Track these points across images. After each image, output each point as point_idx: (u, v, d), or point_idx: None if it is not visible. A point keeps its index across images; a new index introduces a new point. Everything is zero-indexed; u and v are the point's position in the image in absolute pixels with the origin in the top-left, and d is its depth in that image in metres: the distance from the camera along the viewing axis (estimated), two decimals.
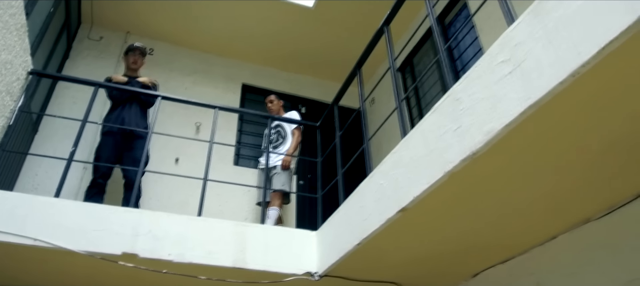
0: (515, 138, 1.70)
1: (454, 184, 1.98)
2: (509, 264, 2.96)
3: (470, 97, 1.87)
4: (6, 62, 2.89)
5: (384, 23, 3.00)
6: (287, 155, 4.16)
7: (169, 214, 3.15)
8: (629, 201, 2.26)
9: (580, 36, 1.40)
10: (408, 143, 2.29)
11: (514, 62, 1.65)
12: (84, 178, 4.01)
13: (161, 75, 4.95)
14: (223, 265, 2.96)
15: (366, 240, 2.57)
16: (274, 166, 4.19)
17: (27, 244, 2.62)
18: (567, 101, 1.52)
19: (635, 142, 1.82)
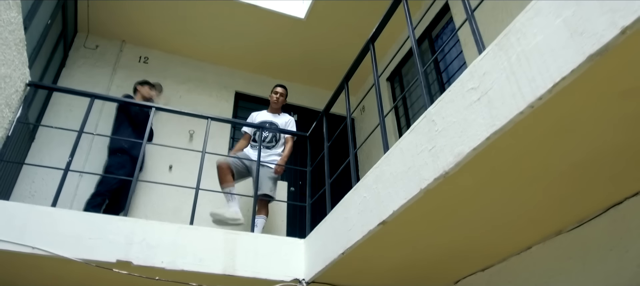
0: (483, 160, 1.82)
1: (430, 200, 2.11)
2: (489, 272, 3.09)
3: (443, 119, 1.99)
4: (5, 76, 2.99)
5: (370, 40, 3.12)
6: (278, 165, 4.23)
7: (161, 223, 3.26)
8: (597, 215, 2.41)
9: (537, 71, 1.53)
10: (389, 159, 2.42)
11: (481, 90, 1.78)
12: (80, 185, 4.11)
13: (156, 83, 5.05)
14: (213, 272, 3.07)
15: (350, 250, 2.69)
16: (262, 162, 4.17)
17: (25, 252, 2.72)
18: (528, 128, 1.65)
19: (598, 162, 1.96)
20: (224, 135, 5.12)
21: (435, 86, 4.41)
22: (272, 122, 4.47)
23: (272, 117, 4.54)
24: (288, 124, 4.52)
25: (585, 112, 1.60)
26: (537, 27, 1.56)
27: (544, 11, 1.54)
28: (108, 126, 4.50)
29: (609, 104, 1.57)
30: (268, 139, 4.34)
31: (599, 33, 1.32)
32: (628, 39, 1.27)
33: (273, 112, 4.59)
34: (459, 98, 1.92)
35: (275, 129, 4.27)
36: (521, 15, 1.65)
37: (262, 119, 4.52)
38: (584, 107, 1.58)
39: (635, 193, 2.23)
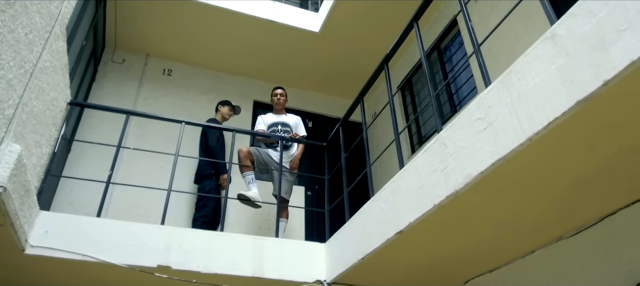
0: (489, 182, 2.10)
1: (442, 213, 2.39)
2: (496, 273, 3.37)
3: (454, 143, 2.26)
4: (53, 99, 3.30)
5: (384, 60, 3.38)
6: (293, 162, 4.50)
7: (195, 230, 3.57)
8: (594, 223, 2.67)
9: (535, 109, 1.80)
10: (404, 175, 2.69)
11: (487, 121, 2.05)
12: (113, 194, 4.42)
13: (179, 94, 5.36)
14: (244, 274, 3.36)
15: (369, 255, 2.98)
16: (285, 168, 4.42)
17: (76, 259, 3.02)
18: (527, 157, 1.92)
19: (592, 181, 2.22)
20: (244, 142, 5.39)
21: (444, 96, 4.67)
22: (284, 123, 4.71)
23: (279, 118, 4.78)
24: (298, 124, 4.78)
25: (577, 143, 1.87)
26: (535, 70, 1.83)
27: (541, 57, 1.81)
28: (137, 138, 4.82)
29: (597, 136, 1.84)
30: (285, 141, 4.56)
31: (586, 83, 1.59)
32: (609, 90, 1.54)
33: (278, 114, 4.82)
34: (468, 126, 2.19)
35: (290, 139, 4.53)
36: (521, 58, 1.92)
37: (272, 121, 4.76)
38: (576, 140, 1.84)
39: (627, 204, 2.49)
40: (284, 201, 4.34)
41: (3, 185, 2.26)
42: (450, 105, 4.46)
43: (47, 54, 2.88)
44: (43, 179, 3.34)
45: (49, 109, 3.24)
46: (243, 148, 4.38)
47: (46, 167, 3.39)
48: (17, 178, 2.43)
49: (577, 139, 1.84)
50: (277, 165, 4.38)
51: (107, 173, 3.61)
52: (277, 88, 4.93)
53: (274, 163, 4.42)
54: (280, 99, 4.83)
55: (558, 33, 1.74)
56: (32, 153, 2.94)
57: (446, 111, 4.52)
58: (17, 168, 2.42)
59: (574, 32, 1.67)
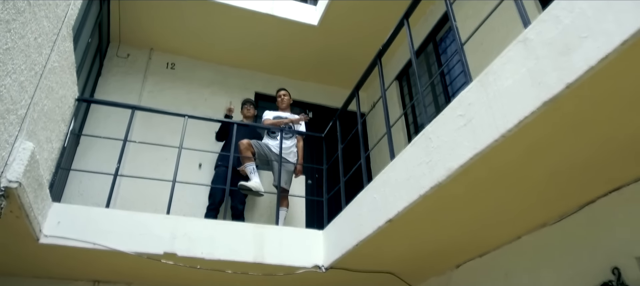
0: (470, 174, 2.24)
1: (428, 203, 2.54)
2: (485, 258, 3.53)
3: (438, 138, 2.41)
4: (62, 96, 3.47)
5: (377, 56, 3.50)
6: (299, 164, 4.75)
7: (199, 219, 3.76)
8: (575, 211, 2.81)
9: (508, 108, 1.93)
10: (394, 166, 2.84)
11: (467, 117, 2.19)
12: (121, 185, 4.62)
13: (183, 87, 5.51)
14: (246, 260, 3.55)
15: (363, 241, 3.15)
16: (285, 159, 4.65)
17: (87, 247, 3.22)
18: (503, 151, 2.06)
19: (570, 172, 2.36)
20: None
21: (439, 87, 4.78)
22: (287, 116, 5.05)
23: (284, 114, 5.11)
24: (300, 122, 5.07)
25: (548, 139, 2.01)
26: (508, 72, 1.96)
27: (514, 60, 1.94)
28: (143, 130, 5.00)
29: (566, 133, 1.98)
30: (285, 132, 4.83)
31: (551, 85, 1.72)
32: (571, 92, 1.67)
33: (283, 112, 5.16)
34: (450, 121, 2.33)
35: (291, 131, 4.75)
36: (498, 59, 2.05)
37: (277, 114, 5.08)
38: (546, 136, 1.98)
39: (605, 193, 2.63)
40: (283, 191, 4.51)
41: (18, 181, 2.43)
42: (445, 96, 4.58)
43: (55, 55, 3.04)
44: (54, 172, 3.52)
45: (58, 107, 3.41)
46: (243, 140, 4.56)
47: (57, 161, 3.57)
48: (30, 173, 2.61)
49: (547, 136, 1.98)
50: (276, 156, 4.54)
51: (114, 164, 3.80)
52: (281, 90, 5.26)
53: (274, 154, 4.59)
54: (284, 98, 5.18)
55: (529, 37, 1.87)
56: (43, 148, 3.12)
57: (441, 102, 4.64)
58: (31, 164, 2.59)
59: (543, 37, 1.80)
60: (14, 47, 2.28)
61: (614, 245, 2.54)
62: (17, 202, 2.51)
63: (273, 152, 4.68)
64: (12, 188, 2.39)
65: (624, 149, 2.18)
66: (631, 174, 2.44)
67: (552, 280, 2.90)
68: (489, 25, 2.98)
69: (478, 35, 3.68)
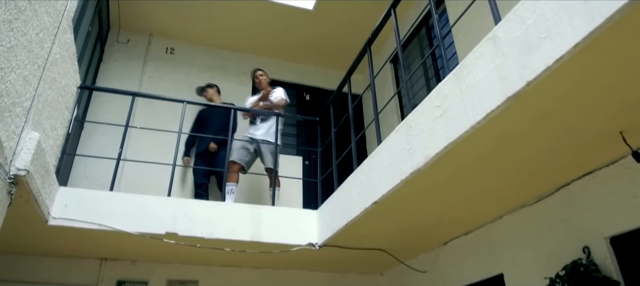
0: (446, 161, 2.39)
1: (410, 187, 2.70)
2: (470, 235, 3.72)
3: (418, 126, 2.55)
4: (65, 85, 3.62)
5: (367, 44, 3.61)
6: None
7: (198, 200, 3.95)
8: (552, 193, 2.98)
9: (477, 101, 2.07)
10: (379, 152, 3.00)
11: (443, 108, 2.32)
12: (124, 168, 4.80)
13: (182, 72, 5.63)
14: (243, 239, 3.75)
15: (352, 221, 3.33)
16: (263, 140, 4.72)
17: (93, 228, 3.42)
18: (475, 140, 2.20)
19: (541, 158, 2.50)
20: None
21: (432, 71, 4.88)
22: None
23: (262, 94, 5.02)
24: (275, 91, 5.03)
25: (516, 130, 2.15)
26: (479, 67, 2.08)
27: (484, 56, 2.06)
28: (144, 114, 5.16)
29: (532, 124, 2.11)
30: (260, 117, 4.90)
31: (514, 82, 1.85)
32: (532, 89, 1.80)
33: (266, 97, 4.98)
34: (428, 111, 2.46)
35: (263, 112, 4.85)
36: (471, 54, 2.17)
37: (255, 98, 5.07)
38: (514, 127, 2.12)
39: (579, 176, 2.78)
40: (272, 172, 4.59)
41: (26, 169, 2.61)
42: (436, 80, 4.68)
43: (57, 48, 3.17)
44: (60, 158, 3.70)
45: (61, 96, 3.56)
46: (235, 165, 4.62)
47: (62, 147, 3.75)
48: (37, 161, 2.79)
49: (514, 127, 2.12)
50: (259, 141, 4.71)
51: (117, 147, 3.97)
52: (257, 70, 5.23)
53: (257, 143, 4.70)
54: (261, 79, 5.14)
55: (498, 35, 1.99)
56: (49, 136, 3.29)
57: (433, 85, 4.74)
58: (37, 153, 2.76)
59: (509, 35, 1.92)
60: (17, 45, 2.42)
61: (586, 225, 2.71)
62: (26, 188, 2.69)
63: (256, 140, 4.74)
64: (21, 176, 2.56)
65: (594, 137, 2.32)
66: (603, 159, 2.59)
67: (530, 256, 3.08)
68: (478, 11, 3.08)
69: (467, 22, 3.80)
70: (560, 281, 2.59)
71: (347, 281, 4.90)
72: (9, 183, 2.48)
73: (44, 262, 4.01)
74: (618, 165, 2.54)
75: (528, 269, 3.06)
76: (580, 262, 2.59)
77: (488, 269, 3.44)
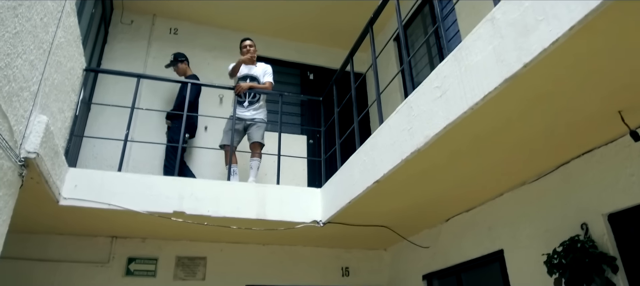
0: (445, 142, 2.43)
1: (410, 167, 2.75)
2: (471, 212, 3.78)
3: (418, 107, 2.58)
4: (71, 68, 3.67)
5: (369, 23, 3.60)
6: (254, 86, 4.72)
7: (205, 180, 4.04)
8: (551, 171, 3.01)
9: (476, 82, 2.09)
10: (381, 132, 3.03)
11: (442, 89, 2.35)
12: (132, 149, 4.89)
13: (186, 52, 5.58)
14: (249, 217, 3.84)
15: (354, 200, 3.39)
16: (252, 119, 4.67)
17: (103, 208, 3.52)
18: (473, 121, 2.23)
19: (540, 138, 2.53)
20: None
21: (435, 50, 4.86)
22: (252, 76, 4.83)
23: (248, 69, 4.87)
24: (265, 73, 4.88)
25: (514, 110, 2.18)
26: (478, 48, 2.10)
27: (483, 37, 2.07)
28: (149, 94, 5.22)
29: (530, 105, 2.13)
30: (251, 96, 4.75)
31: (511, 63, 1.87)
32: (528, 71, 1.82)
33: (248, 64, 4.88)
34: (428, 92, 2.49)
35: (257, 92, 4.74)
36: (469, 35, 2.18)
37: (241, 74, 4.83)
38: (512, 108, 2.15)
39: (578, 155, 2.81)
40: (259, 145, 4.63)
41: (36, 151, 2.69)
42: (440, 58, 4.66)
43: (61, 31, 3.21)
44: (68, 139, 3.78)
45: (68, 79, 3.62)
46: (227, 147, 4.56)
47: (70, 129, 3.83)
48: (46, 143, 2.86)
49: (512, 108, 2.14)
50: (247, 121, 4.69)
51: (124, 129, 4.04)
52: (246, 39, 4.97)
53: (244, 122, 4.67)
54: (250, 49, 4.88)
55: (496, 16, 1.99)
56: (56, 118, 3.36)
57: (436, 64, 4.72)
58: (46, 135, 2.83)
59: (507, 17, 1.93)
60: (22, 30, 2.46)
61: (584, 202, 2.76)
62: (36, 170, 2.77)
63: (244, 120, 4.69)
64: (31, 158, 2.64)
65: (592, 117, 2.34)
66: (601, 138, 2.61)
67: (530, 233, 3.14)
68: None
69: (470, 2, 3.77)
70: (557, 257, 2.65)
71: (352, 256, 5.01)
72: (20, 165, 2.56)
73: (56, 240, 4.15)
74: (616, 144, 2.56)
75: (527, 245, 3.13)
76: (577, 238, 2.64)
77: (488, 245, 3.51)
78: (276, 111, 4.78)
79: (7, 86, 2.30)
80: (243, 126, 4.75)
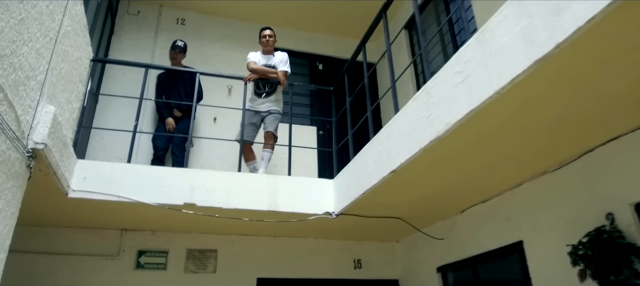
0: (467, 128, 2.33)
1: (429, 156, 2.66)
2: (488, 203, 3.69)
3: (438, 94, 2.48)
4: (78, 58, 3.59)
5: (382, 9, 3.49)
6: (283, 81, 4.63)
7: (215, 171, 3.96)
8: (574, 159, 2.90)
9: (502, 65, 1.99)
10: (397, 120, 2.94)
11: (464, 74, 2.25)
12: (140, 140, 4.83)
13: (193, 43, 5.54)
14: (261, 209, 3.77)
15: (369, 190, 3.31)
16: (268, 111, 4.59)
17: (112, 200, 3.46)
18: (498, 107, 2.13)
19: (566, 124, 2.42)
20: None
21: (448, 37, 4.73)
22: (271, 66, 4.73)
23: (266, 60, 4.78)
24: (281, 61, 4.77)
25: (542, 94, 2.07)
26: (503, 29, 1.99)
27: (509, 18, 1.96)
28: None
29: (560, 88, 2.03)
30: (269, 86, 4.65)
31: (542, 44, 1.76)
32: (561, 51, 1.71)
33: (267, 54, 4.80)
34: (449, 78, 2.39)
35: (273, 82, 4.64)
36: (494, 16, 2.07)
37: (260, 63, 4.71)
38: (540, 92, 2.04)
39: (603, 142, 2.69)
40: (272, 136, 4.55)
41: (44, 142, 2.62)
42: (453, 46, 4.55)
43: (68, 19, 3.13)
44: (77, 131, 3.72)
45: (75, 69, 3.55)
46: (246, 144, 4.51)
47: (78, 120, 3.77)
48: (54, 134, 2.79)
49: (541, 92, 2.04)
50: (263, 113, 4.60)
51: (133, 120, 3.97)
52: (266, 29, 4.87)
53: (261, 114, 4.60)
54: (269, 40, 4.79)
55: None
56: (64, 109, 3.29)
57: (450, 52, 4.60)
58: (54, 126, 2.77)
59: None
60: (28, 17, 2.39)
61: (609, 191, 2.65)
62: (44, 161, 2.71)
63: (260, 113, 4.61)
64: (39, 149, 2.58)
65: (622, 101, 2.23)
66: (629, 124, 2.50)
67: (551, 223, 3.04)
68: None
69: None
70: (583, 248, 2.55)
71: (364, 248, 4.94)
72: (28, 156, 2.50)
73: (66, 233, 4.11)
74: None
75: (548, 236, 3.03)
76: (603, 229, 2.54)
77: (506, 236, 3.42)
78: (286, 101, 4.69)
79: (13, 74, 2.23)
80: (260, 118, 4.66)
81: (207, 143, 5.06)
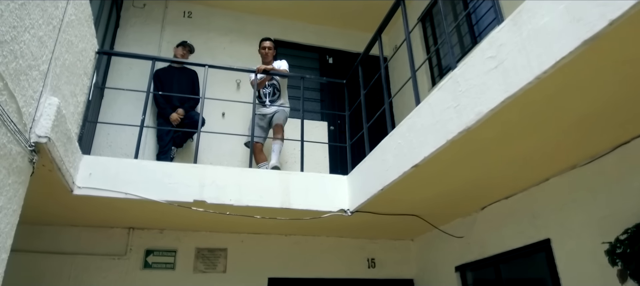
0: (500, 118, 2.17)
1: (454, 148, 2.49)
2: (511, 200, 3.52)
3: (466, 82, 2.31)
4: (82, 49, 3.45)
5: None
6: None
7: (226, 167, 3.82)
8: (607, 152, 2.73)
9: (543, 48, 1.82)
10: (419, 111, 2.77)
11: (498, 59, 2.08)
12: (148, 135, 4.70)
13: (201, 36, 5.41)
14: (273, 206, 3.62)
15: (388, 186, 3.15)
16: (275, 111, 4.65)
17: (119, 197, 3.32)
18: (536, 94, 1.97)
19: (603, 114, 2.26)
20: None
21: (465, 27, 4.56)
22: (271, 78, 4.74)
23: None
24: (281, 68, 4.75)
25: (585, 80, 1.90)
26: (544, 9, 1.82)
27: None
28: None
29: (605, 73, 1.86)
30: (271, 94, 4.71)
31: (592, 22, 1.60)
32: (615, 30, 1.55)
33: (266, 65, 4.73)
34: (480, 64, 2.22)
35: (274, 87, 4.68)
36: None
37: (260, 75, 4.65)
38: (584, 77, 1.87)
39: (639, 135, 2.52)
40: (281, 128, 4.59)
41: (47, 135, 2.48)
42: (470, 37, 4.37)
43: (72, 8, 2.99)
44: (82, 125, 3.58)
45: (79, 60, 3.40)
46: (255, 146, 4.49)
47: (83, 114, 3.62)
48: (58, 127, 2.65)
49: (585, 77, 1.87)
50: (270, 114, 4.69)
51: (140, 115, 3.83)
52: (265, 40, 4.89)
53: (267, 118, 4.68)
54: (268, 52, 4.82)
55: None
56: (69, 102, 3.15)
57: (467, 43, 4.43)
58: (58, 119, 2.62)
59: None
60: (30, 2, 2.25)
61: None
62: (48, 156, 2.57)
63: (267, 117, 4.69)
64: (42, 143, 2.43)
65: None
66: None
67: (581, 220, 2.87)
68: None
69: None
70: (621, 246, 2.38)
71: (377, 247, 4.78)
72: (30, 150, 2.36)
73: (71, 232, 3.98)
74: None
75: (579, 233, 2.86)
76: None
77: (532, 234, 3.25)
78: (297, 97, 4.55)
79: (14, 63, 2.08)
80: (268, 120, 4.69)
81: (215, 138, 4.90)
